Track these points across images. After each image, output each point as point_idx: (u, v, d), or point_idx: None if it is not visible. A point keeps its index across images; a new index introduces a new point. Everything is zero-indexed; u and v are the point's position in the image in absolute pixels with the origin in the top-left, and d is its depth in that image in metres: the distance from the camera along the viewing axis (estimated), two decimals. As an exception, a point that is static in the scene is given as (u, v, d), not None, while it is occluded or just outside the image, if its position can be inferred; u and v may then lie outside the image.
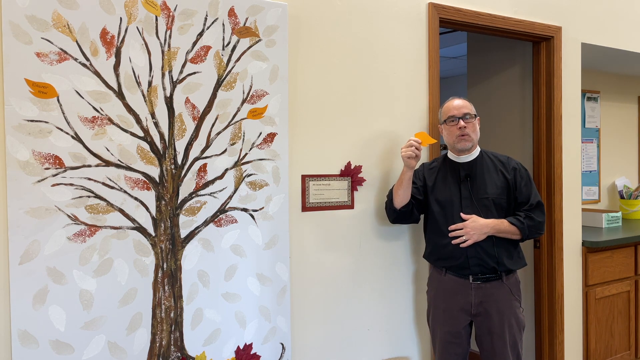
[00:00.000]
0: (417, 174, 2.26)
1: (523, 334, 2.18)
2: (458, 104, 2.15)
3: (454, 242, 2.09)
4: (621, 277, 3.20)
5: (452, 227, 2.10)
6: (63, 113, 1.68)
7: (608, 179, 4.20)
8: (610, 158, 4.21)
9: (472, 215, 2.08)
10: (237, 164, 1.98)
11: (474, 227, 2.06)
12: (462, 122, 2.12)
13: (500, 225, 2.08)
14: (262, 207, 2.04)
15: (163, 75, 1.84)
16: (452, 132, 2.15)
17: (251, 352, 2.03)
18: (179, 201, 1.87)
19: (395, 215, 2.19)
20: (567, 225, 2.92)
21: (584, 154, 4.00)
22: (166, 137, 1.85)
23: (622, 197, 4.11)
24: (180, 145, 1.87)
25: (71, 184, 1.70)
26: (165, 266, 1.85)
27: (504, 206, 2.15)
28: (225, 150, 1.96)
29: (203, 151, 1.91)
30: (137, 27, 1.79)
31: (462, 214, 2.10)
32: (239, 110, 1.98)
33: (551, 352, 2.88)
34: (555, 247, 2.85)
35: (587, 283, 3.02)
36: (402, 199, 2.14)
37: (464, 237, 2.07)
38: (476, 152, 2.21)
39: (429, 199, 2.22)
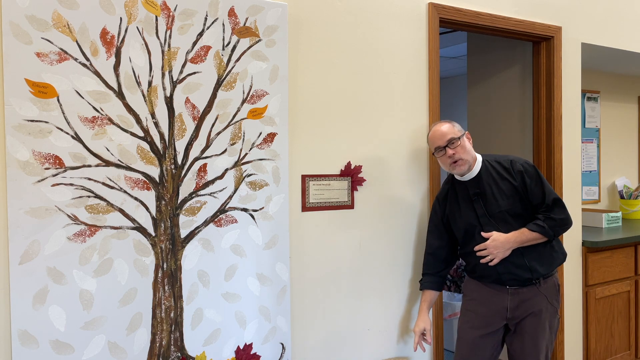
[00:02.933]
0: (435, 212, 2.29)
1: (555, 340, 2.17)
2: (440, 133, 2.09)
3: (482, 261, 2.09)
4: (621, 277, 3.19)
5: (477, 247, 2.10)
6: (63, 113, 1.68)
7: (608, 179, 4.20)
8: (610, 158, 4.21)
9: (492, 233, 2.07)
10: (237, 164, 1.98)
11: (496, 246, 2.05)
12: (449, 151, 2.07)
13: (521, 237, 2.06)
14: (262, 207, 2.04)
15: (163, 75, 1.84)
16: (444, 161, 2.12)
17: (251, 352, 2.03)
18: (179, 201, 1.87)
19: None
20: (567, 225, 2.92)
21: (584, 154, 4.00)
22: (166, 137, 1.85)
23: (622, 197, 4.11)
24: (180, 145, 1.87)
25: (71, 184, 1.70)
26: (165, 266, 1.85)
27: (521, 213, 2.10)
28: (225, 150, 1.96)
29: (203, 151, 1.91)
30: (137, 27, 1.79)
31: (482, 233, 2.09)
32: (239, 110, 1.98)
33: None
34: (555, 247, 2.85)
35: (587, 283, 3.02)
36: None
37: (489, 257, 2.07)
38: (478, 166, 2.15)
39: (452, 228, 2.23)
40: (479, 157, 2.17)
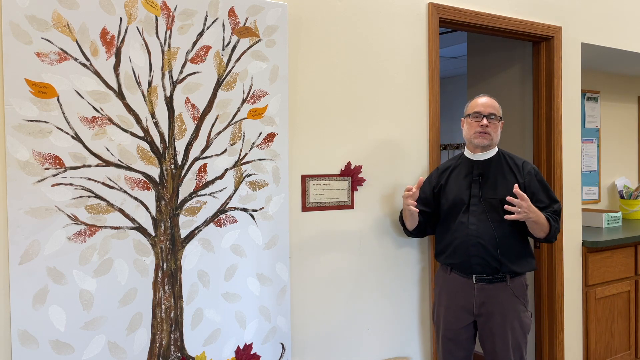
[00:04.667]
0: (429, 180, 2.29)
1: (527, 337, 2.17)
2: (486, 102, 2.15)
3: (507, 207, 1.97)
4: (621, 277, 3.19)
5: (514, 193, 1.96)
6: (63, 113, 1.68)
7: (608, 179, 4.20)
8: (610, 158, 4.21)
9: (524, 194, 1.98)
10: (237, 164, 1.98)
11: (529, 208, 1.98)
12: (485, 121, 2.12)
13: (539, 217, 2.03)
14: (262, 207, 2.04)
15: (163, 75, 1.84)
16: (473, 126, 2.15)
17: (251, 352, 2.03)
18: (179, 201, 1.88)
19: (409, 234, 2.29)
20: (567, 225, 2.92)
21: (584, 154, 4.00)
22: (166, 137, 1.85)
23: (622, 197, 4.11)
24: (180, 145, 1.87)
25: (71, 184, 1.70)
26: (165, 266, 1.85)
27: None
28: (225, 150, 1.96)
29: (203, 151, 1.92)
30: (137, 27, 1.79)
31: (515, 190, 1.96)
32: (239, 110, 1.98)
33: (551, 352, 2.88)
34: (555, 247, 2.85)
35: (587, 283, 3.02)
36: (411, 224, 2.22)
37: (517, 209, 1.96)
38: (493, 151, 2.20)
39: (440, 199, 2.24)
40: (497, 147, 2.23)
